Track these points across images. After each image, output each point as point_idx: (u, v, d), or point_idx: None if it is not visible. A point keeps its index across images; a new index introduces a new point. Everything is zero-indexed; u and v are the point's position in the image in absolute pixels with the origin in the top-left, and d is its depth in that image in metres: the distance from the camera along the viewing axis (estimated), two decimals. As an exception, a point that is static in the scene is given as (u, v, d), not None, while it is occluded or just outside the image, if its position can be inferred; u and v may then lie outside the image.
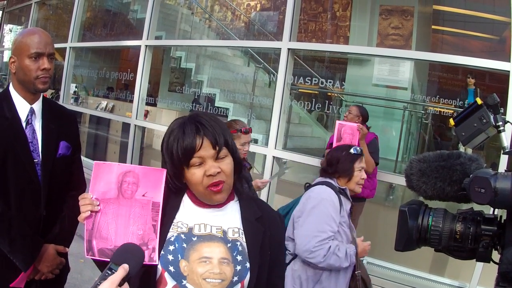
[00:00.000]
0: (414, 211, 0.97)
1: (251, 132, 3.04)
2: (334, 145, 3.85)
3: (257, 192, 3.32)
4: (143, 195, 1.19)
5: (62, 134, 1.92)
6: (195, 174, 1.21)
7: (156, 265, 1.19)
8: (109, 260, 1.09)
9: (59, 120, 1.94)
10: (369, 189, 3.95)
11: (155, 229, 1.19)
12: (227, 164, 1.23)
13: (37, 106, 1.87)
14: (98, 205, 1.18)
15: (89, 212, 1.17)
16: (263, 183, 3.34)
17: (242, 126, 2.99)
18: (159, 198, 1.20)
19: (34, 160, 1.82)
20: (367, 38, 6.90)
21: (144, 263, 1.14)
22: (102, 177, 1.20)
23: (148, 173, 1.20)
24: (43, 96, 1.93)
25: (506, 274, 0.89)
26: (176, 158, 1.23)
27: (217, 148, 1.20)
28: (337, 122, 3.82)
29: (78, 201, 1.18)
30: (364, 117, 4.04)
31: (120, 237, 1.18)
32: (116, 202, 1.19)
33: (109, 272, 1.03)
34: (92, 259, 1.18)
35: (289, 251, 2.38)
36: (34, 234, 1.83)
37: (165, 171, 1.21)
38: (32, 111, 1.84)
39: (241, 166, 1.32)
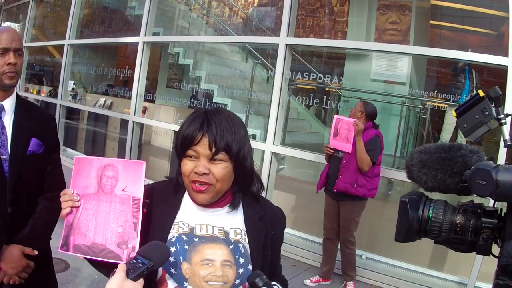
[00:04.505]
0: (415, 202, 0.97)
1: None
2: (331, 139, 3.88)
3: None
4: (123, 190, 1.15)
5: (36, 133, 1.90)
6: (186, 165, 1.19)
7: None
8: (84, 256, 1.10)
9: (33, 120, 1.92)
10: (367, 189, 3.86)
11: (135, 227, 1.14)
12: (220, 168, 1.17)
13: (8, 102, 1.87)
14: (78, 201, 1.16)
15: (70, 208, 1.16)
16: None
17: None
18: (139, 193, 1.15)
19: (2, 156, 1.80)
20: (365, 33, 6.89)
21: (124, 263, 1.11)
22: (83, 172, 1.17)
23: (128, 166, 1.17)
24: (18, 95, 1.93)
25: (506, 268, 0.88)
26: (177, 145, 1.22)
27: (213, 150, 1.16)
28: (335, 116, 3.88)
29: (53, 203, 1.16)
30: (368, 113, 3.94)
31: (98, 234, 1.15)
32: (96, 197, 1.16)
33: (134, 261, 1.01)
34: (67, 253, 1.16)
35: None
36: None
37: (144, 163, 1.17)
38: (2, 108, 1.85)
39: (248, 179, 1.28)
